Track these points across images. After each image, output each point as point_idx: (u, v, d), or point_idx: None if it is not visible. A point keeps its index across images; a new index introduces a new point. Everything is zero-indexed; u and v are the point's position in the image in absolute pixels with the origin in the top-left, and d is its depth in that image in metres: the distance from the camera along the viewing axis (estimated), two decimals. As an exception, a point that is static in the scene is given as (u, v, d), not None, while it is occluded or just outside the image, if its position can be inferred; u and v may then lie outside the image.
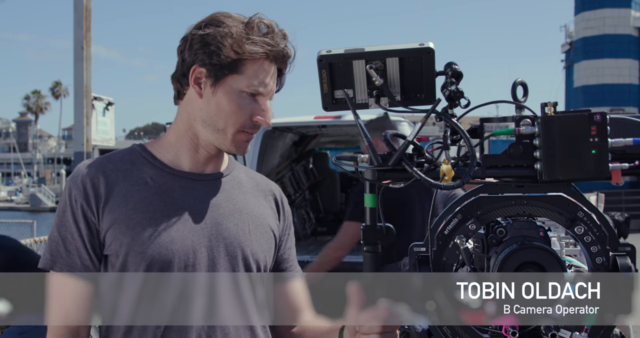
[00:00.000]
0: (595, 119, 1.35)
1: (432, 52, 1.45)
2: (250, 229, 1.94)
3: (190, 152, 1.93)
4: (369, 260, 1.54)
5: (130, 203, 1.83)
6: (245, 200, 1.98)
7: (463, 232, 1.44)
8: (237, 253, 1.89)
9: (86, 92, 9.12)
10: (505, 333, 1.39)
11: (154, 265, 1.80)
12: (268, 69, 1.86)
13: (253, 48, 1.82)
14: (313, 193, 12.13)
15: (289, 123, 9.90)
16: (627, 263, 1.40)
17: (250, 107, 1.86)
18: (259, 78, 1.85)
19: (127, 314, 1.83)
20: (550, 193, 1.44)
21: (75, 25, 9.02)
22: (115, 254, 1.81)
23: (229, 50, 1.81)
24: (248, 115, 1.86)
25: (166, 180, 1.89)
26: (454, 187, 1.39)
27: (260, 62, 1.85)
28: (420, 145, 1.46)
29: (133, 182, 1.86)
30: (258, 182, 2.09)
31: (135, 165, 1.90)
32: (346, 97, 1.50)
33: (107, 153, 1.97)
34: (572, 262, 1.81)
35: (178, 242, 1.82)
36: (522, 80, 1.48)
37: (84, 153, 9.18)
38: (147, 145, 1.99)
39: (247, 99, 1.85)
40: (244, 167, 2.14)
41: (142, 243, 1.79)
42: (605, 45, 30.96)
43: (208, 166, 1.96)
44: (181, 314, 1.82)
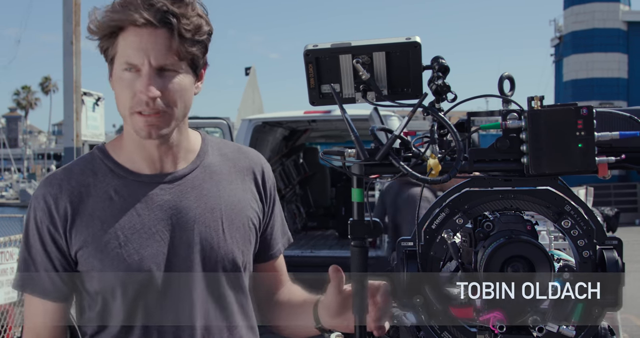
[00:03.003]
0: (581, 112, 1.36)
1: (418, 46, 1.44)
2: (225, 227, 1.87)
3: (140, 150, 1.84)
4: (357, 254, 1.54)
5: (97, 223, 1.78)
6: (219, 193, 1.89)
7: (450, 226, 1.44)
8: (211, 257, 1.84)
9: (76, 87, 9.07)
10: (492, 328, 1.40)
11: (127, 285, 1.77)
12: (138, 38, 1.70)
13: (105, 22, 1.70)
14: (303, 188, 12.15)
15: (279, 118, 9.91)
16: (614, 257, 1.40)
17: (132, 84, 1.71)
18: (128, 51, 1.70)
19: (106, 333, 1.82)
20: (537, 187, 1.45)
21: (65, 19, 8.97)
22: (88, 274, 1.79)
23: (94, 33, 1.73)
24: (131, 94, 1.71)
25: (130, 191, 1.82)
26: (440, 181, 1.39)
27: (127, 33, 1.70)
28: (407, 140, 1.46)
29: (97, 198, 1.80)
30: (235, 161, 1.98)
31: (97, 177, 1.83)
32: (333, 92, 1.49)
33: (69, 163, 1.89)
34: (560, 255, 1.82)
35: (148, 259, 1.78)
36: (509, 75, 1.48)
37: (74, 148, 9.14)
38: (108, 147, 1.90)
39: (129, 78, 1.71)
40: (221, 143, 2.02)
41: (111, 264, 1.76)
42: (595, 39, 31.06)
43: (166, 162, 1.86)
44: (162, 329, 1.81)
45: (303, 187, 12.15)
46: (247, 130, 9.11)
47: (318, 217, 12.23)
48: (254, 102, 15.54)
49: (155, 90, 1.68)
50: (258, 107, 15.62)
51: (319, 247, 9.80)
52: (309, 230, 11.72)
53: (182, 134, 1.87)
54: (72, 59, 9.03)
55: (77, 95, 9.10)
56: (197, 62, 1.79)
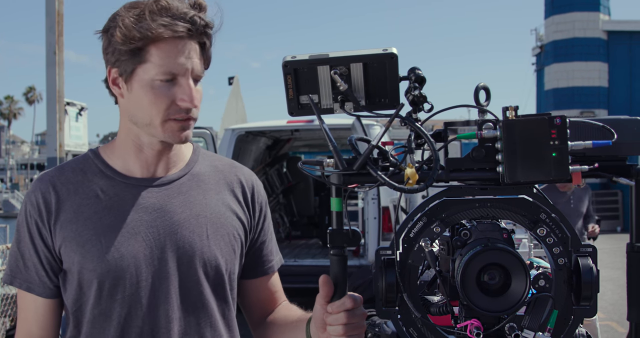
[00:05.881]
0: (555, 122, 1.38)
1: (395, 58, 1.46)
2: (209, 234, 1.88)
3: (136, 154, 1.87)
4: (336, 263, 1.55)
5: (81, 219, 1.81)
6: (205, 201, 1.92)
7: (428, 234, 1.46)
8: (193, 262, 1.85)
9: (59, 97, 9.04)
10: (470, 335, 1.41)
11: (105, 282, 1.79)
12: (177, 49, 1.74)
13: (144, 33, 1.70)
14: (287, 197, 12.16)
15: (262, 127, 9.93)
16: (588, 264, 1.42)
17: (170, 92, 1.75)
18: (168, 61, 1.73)
19: (84, 330, 1.84)
20: (512, 195, 1.47)
21: (48, 30, 8.94)
22: (70, 270, 1.82)
23: (122, 44, 1.73)
24: (169, 102, 1.75)
25: (117, 191, 1.85)
26: (417, 190, 1.41)
27: (164, 44, 1.73)
28: (385, 149, 1.47)
29: (84, 195, 1.84)
30: (225, 173, 2.01)
31: (86, 175, 1.87)
32: (311, 103, 1.51)
33: (64, 162, 1.96)
34: (539, 263, 1.84)
35: (128, 257, 1.80)
36: (485, 85, 1.50)
37: (57, 158, 9.10)
38: (101, 150, 1.94)
39: (163, 86, 1.74)
40: (212, 156, 2.06)
41: (91, 260, 1.78)
42: (575, 48, 31.29)
43: (160, 167, 1.90)
44: (139, 330, 1.82)
45: (287, 196, 12.16)
46: (230, 139, 9.13)
47: (301, 226, 12.24)
48: (237, 111, 15.55)
49: (198, 99, 1.77)
50: (241, 116, 15.63)
51: (303, 256, 9.81)
52: (292, 239, 11.73)
53: None
54: (55, 69, 9.00)
55: (60, 105, 9.07)
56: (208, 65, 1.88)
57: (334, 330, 1.55)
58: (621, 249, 5.19)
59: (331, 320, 1.55)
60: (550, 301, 1.43)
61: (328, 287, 1.56)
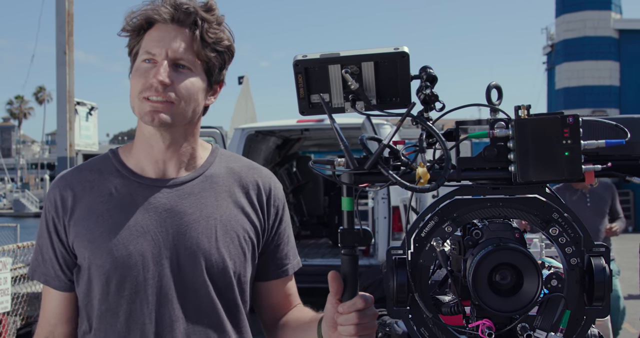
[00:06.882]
0: (568, 121, 1.37)
1: (406, 56, 1.46)
2: (218, 236, 1.89)
3: (147, 152, 1.91)
4: (347, 262, 1.55)
5: (93, 217, 1.85)
6: (217, 203, 1.93)
7: (439, 234, 1.45)
8: (199, 263, 1.86)
9: (69, 97, 9.08)
10: (481, 335, 1.40)
11: (112, 279, 1.82)
12: (159, 32, 1.83)
13: (134, 21, 1.85)
14: (297, 197, 12.15)
15: (272, 126, 9.92)
16: (601, 264, 1.41)
17: (147, 73, 1.82)
18: (150, 43, 1.83)
19: (94, 325, 1.87)
20: (525, 195, 1.46)
21: (58, 29, 8.98)
22: (82, 265, 1.86)
23: (126, 30, 1.87)
24: (144, 81, 1.81)
25: (131, 190, 1.89)
26: (429, 189, 1.40)
27: (153, 29, 1.84)
28: (396, 149, 1.47)
29: (98, 193, 1.88)
30: (242, 175, 2.01)
31: (103, 175, 1.91)
32: (322, 102, 1.50)
33: (87, 160, 2.01)
34: (551, 263, 1.83)
35: (135, 255, 1.82)
36: (497, 84, 1.49)
37: (67, 158, 9.14)
38: (120, 150, 1.99)
39: (144, 67, 1.83)
40: (230, 157, 2.07)
41: (100, 257, 1.82)
42: (586, 47, 31.09)
43: (170, 165, 1.92)
44: (144, 328, 1.84)
45: (296, 195, 12.15)
46: (240, 139, 9.13)
47: (311, 225, 12.23)
48: (247, 110, 15.57)
49: (165, 76, 1.78)
50: (251, 115, 15.64)
51: (312, 255, 9.80)
52: (302, 238, 11.72)
53: (189, 141, 1.93)
54: (66, 69, 9.04)
55: (70, 105, 9.11)
56: (213, 70, 1.88)
57: (345, 330, 1.54)
58: (633, 250, 5.15)
59: (342, 320, 1.55)
60: (562, 301, 1.42)
61: (337, 282, 1.55)
